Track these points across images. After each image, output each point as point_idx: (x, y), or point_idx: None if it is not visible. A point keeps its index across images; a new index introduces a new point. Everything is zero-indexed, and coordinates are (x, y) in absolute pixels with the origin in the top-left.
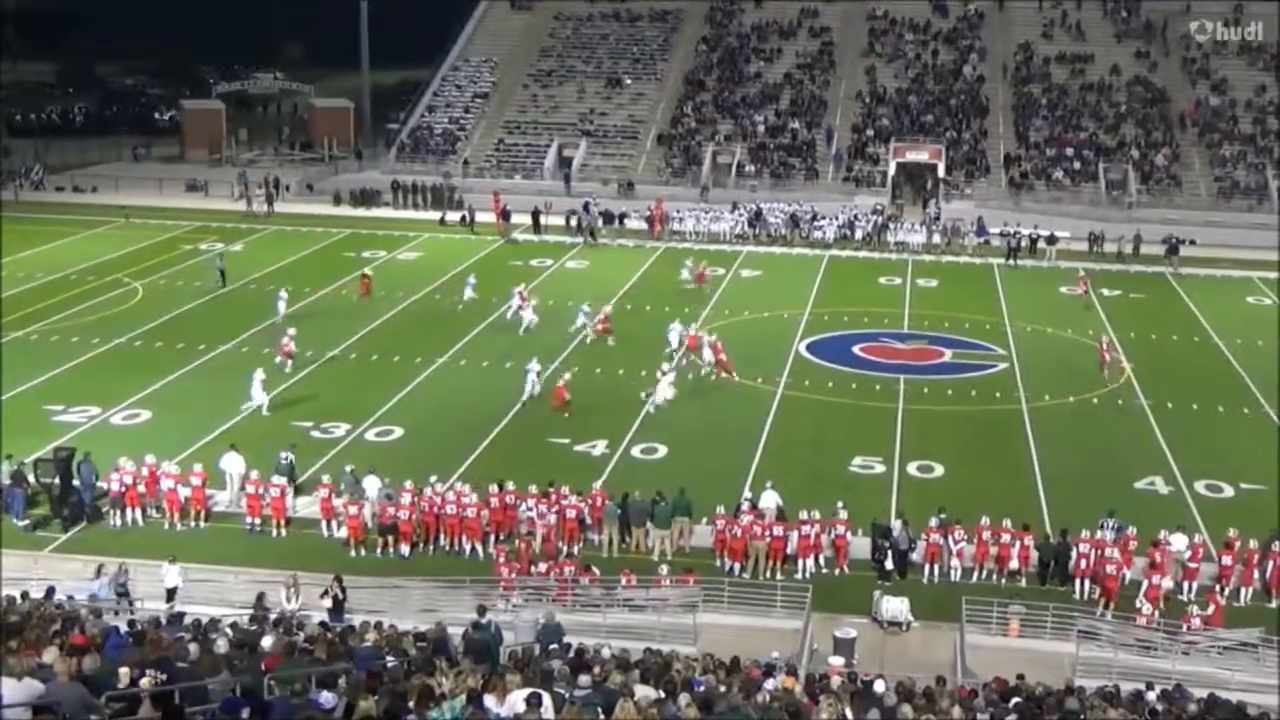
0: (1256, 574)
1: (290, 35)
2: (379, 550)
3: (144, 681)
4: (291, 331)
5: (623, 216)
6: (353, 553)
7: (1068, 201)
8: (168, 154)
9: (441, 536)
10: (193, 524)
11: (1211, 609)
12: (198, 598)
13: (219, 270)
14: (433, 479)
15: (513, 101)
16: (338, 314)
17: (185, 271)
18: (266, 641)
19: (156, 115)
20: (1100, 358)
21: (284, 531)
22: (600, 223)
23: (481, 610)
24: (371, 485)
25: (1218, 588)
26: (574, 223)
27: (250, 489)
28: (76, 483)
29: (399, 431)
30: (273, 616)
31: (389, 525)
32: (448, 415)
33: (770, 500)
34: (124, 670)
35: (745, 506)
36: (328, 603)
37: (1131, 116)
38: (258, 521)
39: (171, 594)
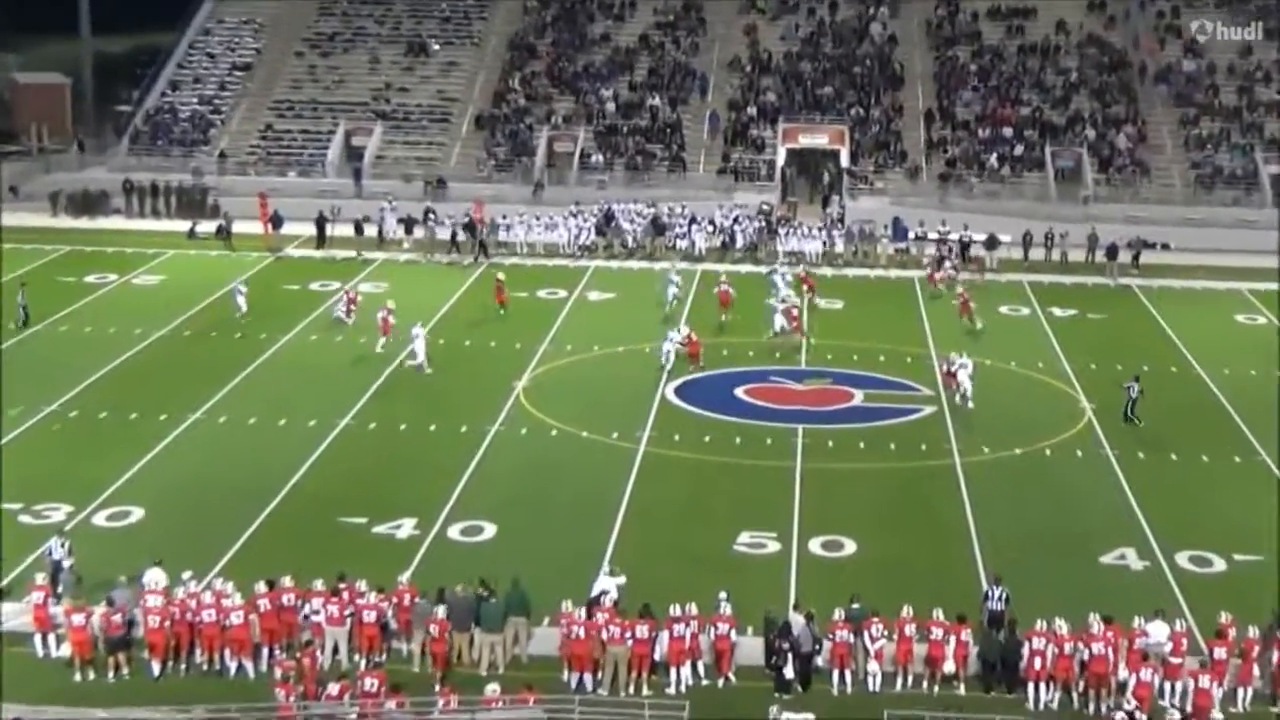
0: (1257, 669)
1: None
2: (111, 673)
3: None
4: (391, 305)
5: (411, 221)
6: (78, 675)
7: (1008, 195)
8: None
9: (198, 651)
10: None
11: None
12: None
13: (21, 307)
14: (185, 575)
15: (283, 75)
16: (53, 357)
17: None
18: None
19: None
20: (962, 308)
21: None
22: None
23: None
24: (156, 579)
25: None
26: (457, 236)
27: None
28: None
29: (138, 513)
30: None
31: (118, 639)
32: (204, 490)
33: (609, 588)
34: None
35: (605, 601)
36: None
37: (1085, 86)
38: None
39: None
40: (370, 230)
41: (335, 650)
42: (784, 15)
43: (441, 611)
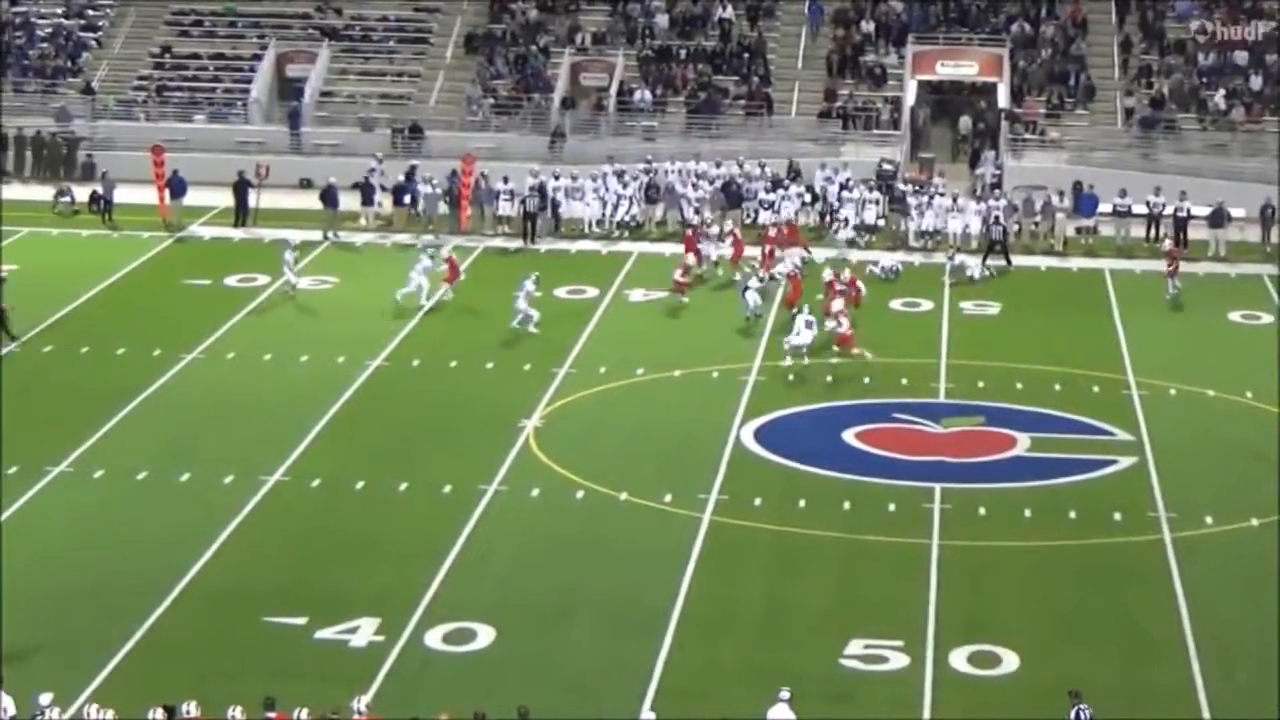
0: None
1: None
2: None
3: None
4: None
5: (401, 188)
6: None
7: (1241, 150)
8: None
9: None
10: None
11: None
12: None
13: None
14: (44, 700)
15: None
16: None
17: None
18: None
19: None
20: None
21: None
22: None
23: None
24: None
25: None
26: (519, 212)
27: None
28: None
29: None
30: None
31: None
32: (71, 577)
33: None
34: None
35: None
36: None
37: None
38: None
39: None
40: (350, 201)
41: None
42: None
43: None
